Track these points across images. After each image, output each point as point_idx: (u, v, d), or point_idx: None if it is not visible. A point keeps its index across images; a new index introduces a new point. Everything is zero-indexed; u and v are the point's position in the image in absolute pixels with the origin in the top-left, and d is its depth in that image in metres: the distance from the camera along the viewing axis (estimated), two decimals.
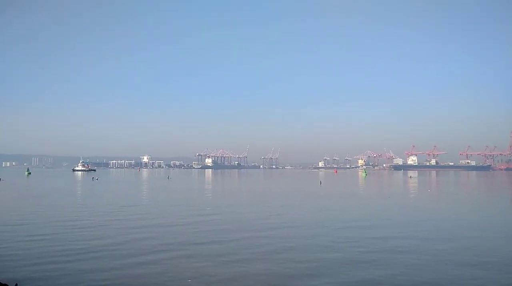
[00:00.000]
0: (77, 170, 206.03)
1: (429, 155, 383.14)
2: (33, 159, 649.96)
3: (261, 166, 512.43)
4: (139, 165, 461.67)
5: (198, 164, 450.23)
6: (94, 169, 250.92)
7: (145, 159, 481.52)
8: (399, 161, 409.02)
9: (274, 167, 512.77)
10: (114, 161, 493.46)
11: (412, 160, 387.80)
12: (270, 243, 18.32)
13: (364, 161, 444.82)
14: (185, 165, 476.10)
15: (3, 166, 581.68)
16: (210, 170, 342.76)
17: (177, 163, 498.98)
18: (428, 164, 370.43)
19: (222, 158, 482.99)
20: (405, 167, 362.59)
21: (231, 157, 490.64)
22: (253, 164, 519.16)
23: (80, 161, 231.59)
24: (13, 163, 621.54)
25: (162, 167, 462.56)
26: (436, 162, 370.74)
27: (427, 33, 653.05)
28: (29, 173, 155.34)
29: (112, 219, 26.51)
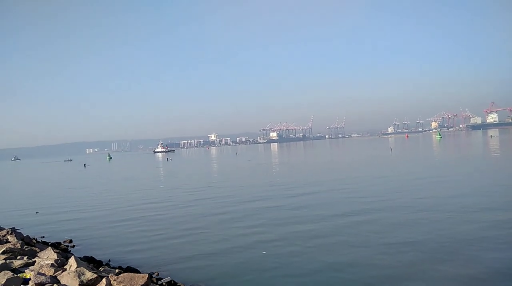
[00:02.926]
0: (158, 152, 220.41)
1: (511, 111, 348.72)
2: (112, 144, 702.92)
3: (326, 136, 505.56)
4: (208, 143, 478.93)
5: (263, 139, 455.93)
6: (173, 150, 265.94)
7: (213, 137, 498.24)
8: (477, 120, 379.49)
9: (340, 136, 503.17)
10: (185, 141, 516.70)
11: (492, 118, 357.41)
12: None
13: (437, 123, 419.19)
14: (250, 140, 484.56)
15: (86, 152, 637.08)
16: (276, 143, 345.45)
17: (243, 138, 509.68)
18: (511, 121, 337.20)
19: (287, 130, 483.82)
20: (485, 126, 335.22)
21: (295, 129, 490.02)
22: (318, 135, 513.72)
23: (160, 143, 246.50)
24: (95, 149, 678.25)
25: (229, 144, 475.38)
26: None
27: None
28: (110, 158, 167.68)
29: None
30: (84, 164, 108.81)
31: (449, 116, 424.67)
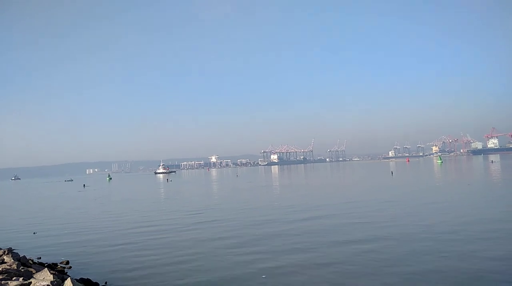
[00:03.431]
0: (159, 172, 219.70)
1: None
2: (112, 164, 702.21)
3: (327, 159, 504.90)
4: (208, 165, 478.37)
5: (264, 161, 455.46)
6: (174, 170, 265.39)
7: (213, 159, 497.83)
8: (478, 145, 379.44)
9: (341, 159, 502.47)
10: (185, 163, 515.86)
11: (492, 143, 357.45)
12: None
13: (438, 148, 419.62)
14: (251, 163, 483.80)
15: (86, 172, 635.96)
16: (276, 166, 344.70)
17: (244, 160, 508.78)
18: (511, 146, 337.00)
19: (288, 153, 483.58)
20: (485, 151, 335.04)
21: (296, 152, 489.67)
22: (319, 158, 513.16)
23: (161, 164, 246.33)
24: (96, 170, 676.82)
25: (230, 166, 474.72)
26: None
27: None
28: (110, 178, 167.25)
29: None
30: (84, 184, 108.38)
31: (450, 141, 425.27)
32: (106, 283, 12.52)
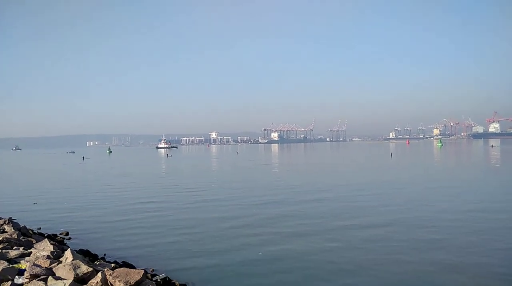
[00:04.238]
0: (160, 147, 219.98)
1: None
2: (113, 138, 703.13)
3: (327, 139, 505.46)
4: (208, 141, 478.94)
5: (264, 139, 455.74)
6: (175, 146, 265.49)
7: (214, 135, 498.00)
8: (479, 129, 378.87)
9: (341, 139, 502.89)
10: (185, 138, 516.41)
11: (494, 128, 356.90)
12: None
13: (439, 130, 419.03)
14: (251, 140, 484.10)
15: (87, 145, 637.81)
16: (276, 144, 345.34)
17: (244, 138, 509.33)
18: None
19: (288, 132, 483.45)
20: (486, 135, 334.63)
21: (296, 130, 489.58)
22: (319, 137, 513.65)
23: (163, 139, 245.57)
24: (96, 142, 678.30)
25: (230, 143, 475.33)
26: None
27: None
28: (110, 152, 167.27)
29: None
30: (83, 157, 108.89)
31: (451, 124, 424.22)
32: (105, 254, 12.73)
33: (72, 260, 9.14)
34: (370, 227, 15.86)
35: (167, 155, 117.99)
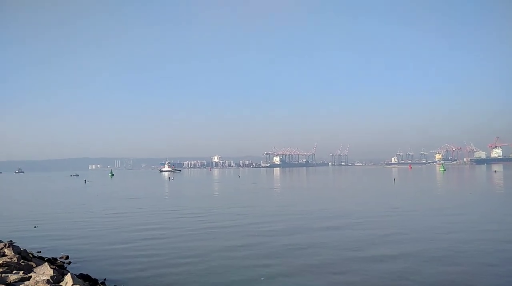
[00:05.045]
0: (164, 171, 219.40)
1: None
2: (115, 161, 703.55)
3: (329, 163, 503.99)
4: (210, 164, 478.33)
5: (266, 163, 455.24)
6: (179, 169, 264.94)
7: (216, 159, 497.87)
8: (481, 154, 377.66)
9: (343, 163, 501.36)
10: (187, 162, 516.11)
11: (496, 153, 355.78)
12: None
13: (441, 155, 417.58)
14: (253, 164, 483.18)
15: (89, 168, 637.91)
16: (278, 168, 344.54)
17: (246, 162, 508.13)
18: None
19: (290, 156, 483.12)
20: (489, 161, 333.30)
21: (298, 154, 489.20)
22: (321, 161, 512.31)
23: (166, 162, 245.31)
24: (98, 166, 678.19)
25: (232, 166, 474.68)
26: None
27: None
28: (112, 175, 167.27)
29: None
30: (85, 180, 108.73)
31: (453, 149, 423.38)
32: (105, 279, 12.57)
33: (72, 285, 9.03)
34: (384, 260, 14.64)
35: (169, 178, 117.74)
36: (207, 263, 14.77)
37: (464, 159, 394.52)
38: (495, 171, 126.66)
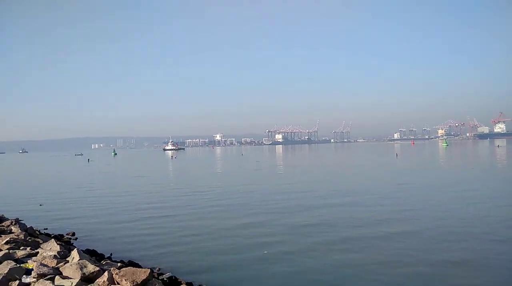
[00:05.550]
0: (168, 149, 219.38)
1: None
2: (118, 140, 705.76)
3: (332, 140, 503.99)
4: (213, 143, 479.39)
5: (268, 140, 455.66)
6: (182, 148, 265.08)
7: (218, 137, 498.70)
8: (484, 129, 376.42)
9: (345, 140, 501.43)
10: (190, 140, 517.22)
11: (499, 128, 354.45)
12: None
13: (444, 131, 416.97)
14: (255, 142, 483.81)
15: (92, 147, 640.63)
16: (281, 145, 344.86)
17: (248, 139, 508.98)
18: None
19: (292, 133, 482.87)
20: (492, 136, 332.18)
21: (301, 132, 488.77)
22: (323, 138, 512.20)
23: (170, 141, 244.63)
24: (101, 145, 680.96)
25: (234, 144, 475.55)
26: None
27: None
28: (115, 154, 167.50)
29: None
30: (88, 159, 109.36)
31: (456, 124, 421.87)
32: (111, 254, 12.76)
33: (79, 260, 9.16)
34: (392, 237, 14.29)
35: (172, 156, 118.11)
36: (212, 241, 14.80)
37: (467, 134, 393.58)
38: (498, 146, 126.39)
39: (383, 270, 10.88)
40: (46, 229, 16.85)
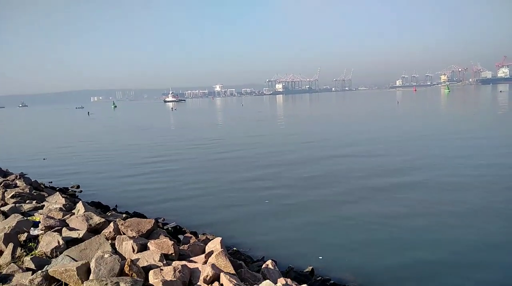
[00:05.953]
0: (168, 101, 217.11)
1: None
2: (117, 92, 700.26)
3: (333, 89, 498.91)
4: (212, 94, 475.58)
5: (268, 90, 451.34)
6: (183, 99, 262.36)
7: (218, 88, 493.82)
8: (488, 75, 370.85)
9: (347, 88, 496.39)
10: (189, 91, 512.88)
11: (503, 72, 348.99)
12: None
13: (447, 77, 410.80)
14: (256, 92, 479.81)
15: (91, 100, 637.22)
16: (281, 95, 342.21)
17: (248, 90, 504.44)
18: None
19: (293, 82, 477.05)
20: (495, 81, 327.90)
21: (301, 81, 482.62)
22: (324, 87, 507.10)
23: (170, 92, 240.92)
24: (100, 97, 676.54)
25: (234, 95, 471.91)
26: None
27: None
28: (115, 106, 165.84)
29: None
30: (88, 112, 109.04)
31: (459, 70, 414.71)
32: (116, 206, 13.02)
33: (85, 212, 9.33)
34: (399, 188, 14.00)
35: (172, 108, 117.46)
36: (213, 188, 15.20)
37: (470, 80, 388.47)
38: (500, 91, 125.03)
39: (388, 221, 10.89)
40: (51, 182, 17.11)
